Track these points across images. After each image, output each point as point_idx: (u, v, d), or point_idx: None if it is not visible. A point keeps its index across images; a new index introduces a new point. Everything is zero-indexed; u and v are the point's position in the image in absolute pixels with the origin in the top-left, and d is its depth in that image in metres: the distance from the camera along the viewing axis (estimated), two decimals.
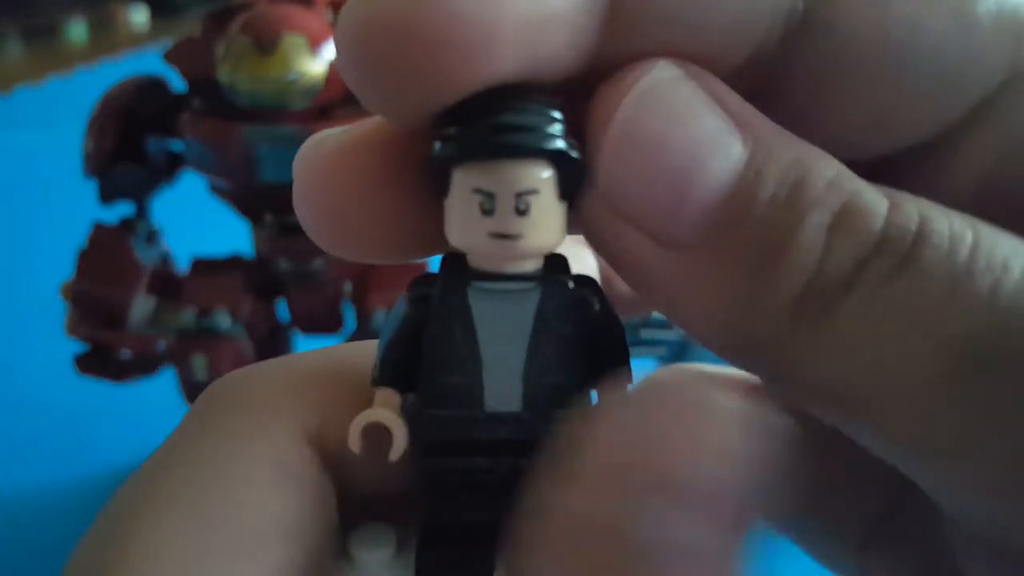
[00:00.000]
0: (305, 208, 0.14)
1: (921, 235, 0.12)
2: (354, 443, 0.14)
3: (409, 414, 0.14)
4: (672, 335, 0.45)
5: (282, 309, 0.50)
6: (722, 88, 0.13)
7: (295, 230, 0.44)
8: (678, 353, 0.46)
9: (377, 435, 0.14)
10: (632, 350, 0.14)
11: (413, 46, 0.12)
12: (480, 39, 0.12)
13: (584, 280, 0.14)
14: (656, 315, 0.43)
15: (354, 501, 0.15)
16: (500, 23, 0.12)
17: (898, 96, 0.14)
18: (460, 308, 0.14)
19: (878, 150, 0.15)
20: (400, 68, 0.12)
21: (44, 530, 0.46)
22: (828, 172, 0.13)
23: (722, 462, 0.12)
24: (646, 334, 0.45)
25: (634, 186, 0.13)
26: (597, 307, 0.14)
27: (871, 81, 0.14)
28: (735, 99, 0.13)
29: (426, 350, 0.14)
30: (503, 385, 0.13)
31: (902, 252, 0.12)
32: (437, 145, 0.13)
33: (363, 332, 0.47)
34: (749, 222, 0.13)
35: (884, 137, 0.14)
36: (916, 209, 0.12)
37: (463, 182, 0.13)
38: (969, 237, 0.12)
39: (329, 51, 0.43)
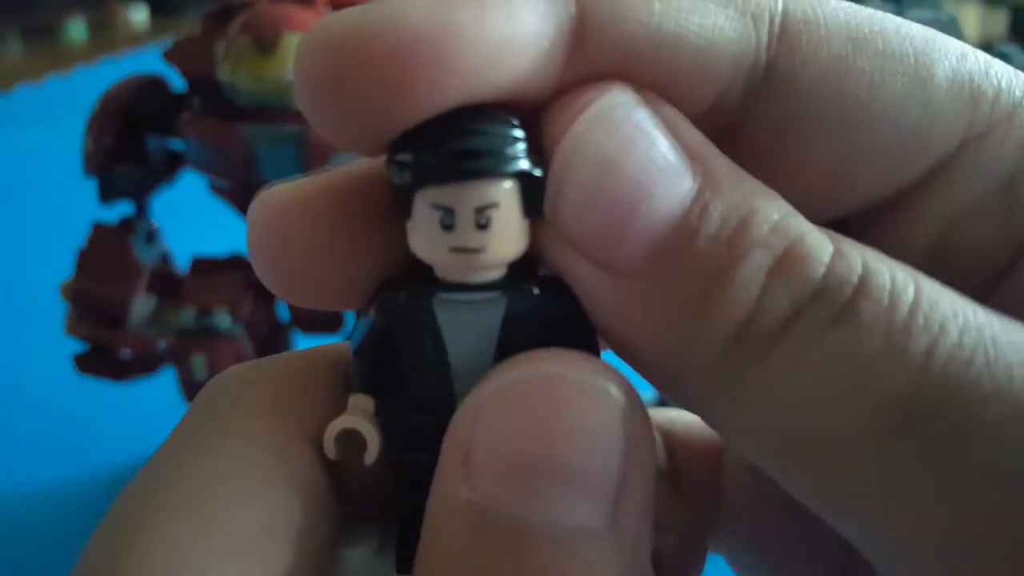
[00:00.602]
0: (258, 260, 0.14)
1: (862, 286, 0.12)
2: (329, 449, 0.14)
3: (383, 418, 0.14)
4: None
5: (282, 309, 0.50)
6: (678, 118, 0.13)
7: None
8: None
9: (352, 440, 0.14)
10: None
11: (365, 73, 0.12)
12: (432, 64, 0.12)
13: (551, 283, 0.14)
14: None
15: (345, 500, 0.15)
16: (453, 49, 0.12)
17: (856, 154, 0.14)
18: (427, 318, 0.14)
19: (835, 208, 0.14)
20: (354, 95, 0.12)
21: (44, 530, 0.47)
22: (774, 214, 0.12)
23: (608, 447, 0.12)
24: None
25: (579, 209, 0.13)
26: (564, 310, 0.14)
27: (830, 138, 0.14)
28: (690, 130, 0.13)
29: (397, 356, 0.14)
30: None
31: (840, 302, 0.12)
32: (395, 170, 0.13)
33: None
34: (691, 257, 0.12)
35: (841, 194, 0.14)
36: (860, 258, 0.12)
37: (423, 200, 0.13)
38: (911, 292, 0.12)
39: None
